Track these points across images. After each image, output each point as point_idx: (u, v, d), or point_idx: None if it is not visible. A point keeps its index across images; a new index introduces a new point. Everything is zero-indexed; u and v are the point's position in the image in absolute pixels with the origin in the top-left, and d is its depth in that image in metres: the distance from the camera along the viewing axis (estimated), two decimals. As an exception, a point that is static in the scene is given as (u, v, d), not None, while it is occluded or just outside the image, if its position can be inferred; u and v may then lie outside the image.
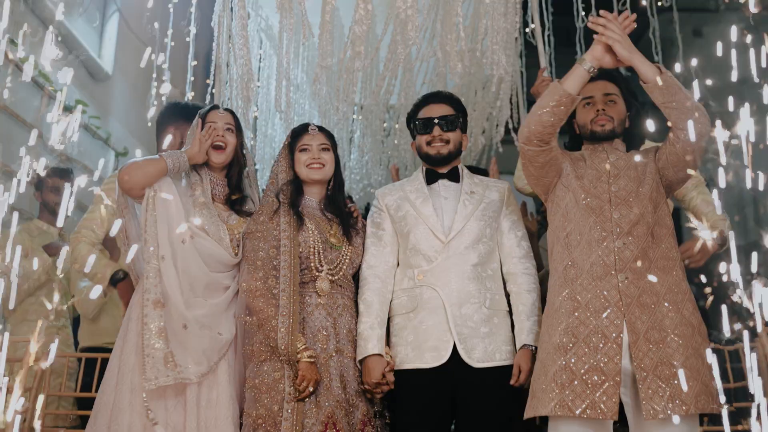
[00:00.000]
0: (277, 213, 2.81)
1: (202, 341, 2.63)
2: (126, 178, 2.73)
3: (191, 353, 2.60)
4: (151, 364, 2.53)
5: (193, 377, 2.57)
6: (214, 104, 3.10)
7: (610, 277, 2.51)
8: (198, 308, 2.67)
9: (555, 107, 2.54)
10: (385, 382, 2.69)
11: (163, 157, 2.78)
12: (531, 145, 2.62)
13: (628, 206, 2.58)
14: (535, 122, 2.58)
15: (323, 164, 2.90)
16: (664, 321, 2.44)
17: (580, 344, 2.46)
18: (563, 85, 2.53)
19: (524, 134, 2.63)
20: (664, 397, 2.34)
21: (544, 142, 2.60)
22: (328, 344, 2.70)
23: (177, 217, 2.73)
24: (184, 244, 2.70)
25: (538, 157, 2.65)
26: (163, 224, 2.70)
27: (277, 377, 2.61)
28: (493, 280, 2.82)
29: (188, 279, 2.69)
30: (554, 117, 2.55)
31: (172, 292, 2.62)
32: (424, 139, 2.94)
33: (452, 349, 2.67)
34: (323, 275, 2.78)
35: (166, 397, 2.58)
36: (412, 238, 2.86)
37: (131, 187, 2.74)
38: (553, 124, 2.56)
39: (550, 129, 2.57)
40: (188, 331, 2.61)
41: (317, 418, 2.57)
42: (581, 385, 2.40)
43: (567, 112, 2.57)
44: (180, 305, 2.62)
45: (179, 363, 2.56)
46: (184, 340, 2.60)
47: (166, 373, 2.53)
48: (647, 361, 2.40)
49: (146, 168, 2.75)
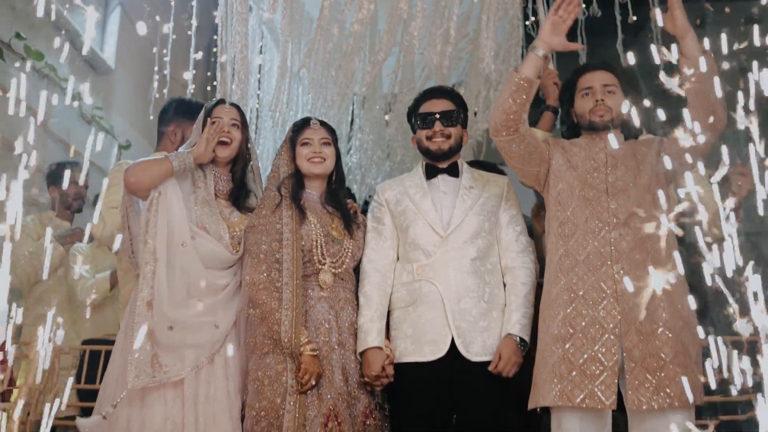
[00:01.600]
0: (279, 206, 2.83)
1: (195, 337, 2.65)
2: (132, 180, 2.73)
3: (177, 353, 2.62)
4: (135, 364, 2.54)
5: (176, 377, 2.59)
6: (221, 99, 3.10)
7: (606, 268, 2.52)
8: (191, 308, 2.68)
9: (514, 93, 2.58)
10: (385, 374, 2.71)
11: (169, 158, 2.78)
12: (500, 135, 2.66)
13: (626, 196, 2.59)
14: (498, 111, 2.63)
15: (324, 158, 2.92)
16: (656, 313, 2.46)
17: (578, 335, 2.48)
18: (519, 70, 2.60)
19: (492, 126, 2.68)
20: (650, 389, 2.36)
21: (511, 129, 2.63)
22: (330, 337, 2.72)
23: (179, 220, 2.74)
24: (185, 248, 2.72)
25: (511, 146, 2.68)
26: (163, 227, 2.71)
27: (280, 370, 2.63)
28: (492, 275, 2.83)
29: (186, 280, 2.70)
30: (515, 104, 2.59)
31: (159, 295, 2.63)
32: (424, 133, 2.95)
33: (450, 343, 2.69)
34: (326, 268, 2.80)
35: (165, 390, 2.60)
36: (411, 232, 2.87)
37: (137, 189, 2.75)
38: (515, 111, 2.60)
39: (514, 116, 2.60)
40: (174, 332, 2.62)
41: (319, 410, 2.59)
42: (579, 376, 2.42)
43: (528, 98, 2.61)
44: (165, 307, 2.62)
45: (164, 364, 2.58)
46: (170, 341, 2.61)
47: (152, 374, 2.55)
48: (636, 352, 2.42)
49: (152, 170, 2.75)
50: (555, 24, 2.61)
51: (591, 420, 2.46)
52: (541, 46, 2.62)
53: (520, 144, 2.67)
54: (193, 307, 2.68)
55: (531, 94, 2.62)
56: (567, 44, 2.66)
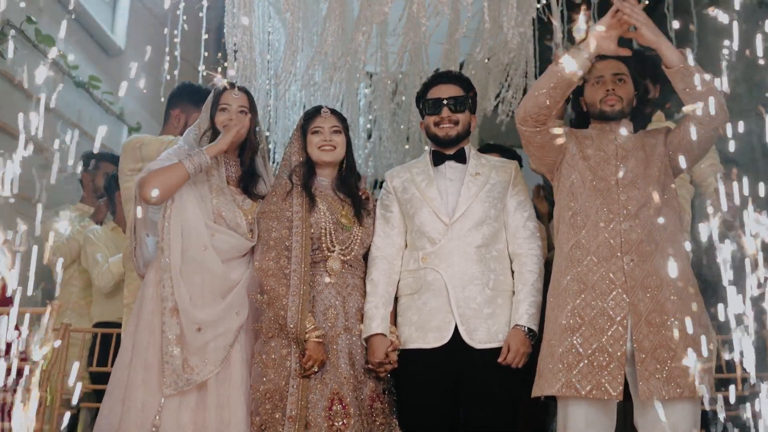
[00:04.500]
0: (290, 194, 2.86)
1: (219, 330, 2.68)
2: (146, 195, 2.69)
3: (208, 353, 2.65)
4: (170, 371, 2.59)
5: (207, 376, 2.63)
6: (230, 82, 3.04)
7: (616, 259, 2.52)
8: (218, 306, 2.71)
9: (552, 89, 2.55)
10: (388, 361, 2.74)
11: (182, 164, 2.74)
12: (527, 125, 2.64)
13: (636, 188, 2.59)
14: (531, 103, 2.60)
15: (335, 146, 2.93)
16: (666, 305, 2.46)
17: (587, 326, 2.48)
18: (563, 68, 2.52)
19: (520, 115, 2.65)
20: (661, 379, 2.38)
21: (539, 123, 2.62)
22: (336, 322, 2.76)
23: (195, 225, 2.75)
24: (206, 250, 2.74)
25: (535, 137, 2.67)
26: (177, 235, 2.73)
27: (284, 354, 2.68)
28: (498, 261, 2.82)
29: (212, 280, 2.73)
30: (550, 99, 2.56)
31: (182, 301, 2.66)
32: (432, 119, 2.94)
33: (454, 330, 2.71)
34: (335, 255, 2.83)
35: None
36: (417, 220, 2.88)
37: (151, 202, 2.73)
38: (549, 106, 2.57)
39: (546, 111, 2.59)
40: (202, 333, 2.65)
41: (322, 393, 2.63)
42: (587, 366, 2.44)
43: (564, 95, 2.59)
44: (192, 311, 2.65)
45: (195, 366, 2.62)
46: (200, 342, 2.65)
47: (185, 378, 2.60)
48: (647, 343, 2.43)
49: (169, 181, 2.72)
50: (611, 27, 2.49)
51: (597, 409, 2.47)
52: (592, 48, 2.48)
53: (545, 136, 2.67)
54: (219, 304, 2.71)
55: (567, 93, 2.60)
56: (617, 49, 2.53)
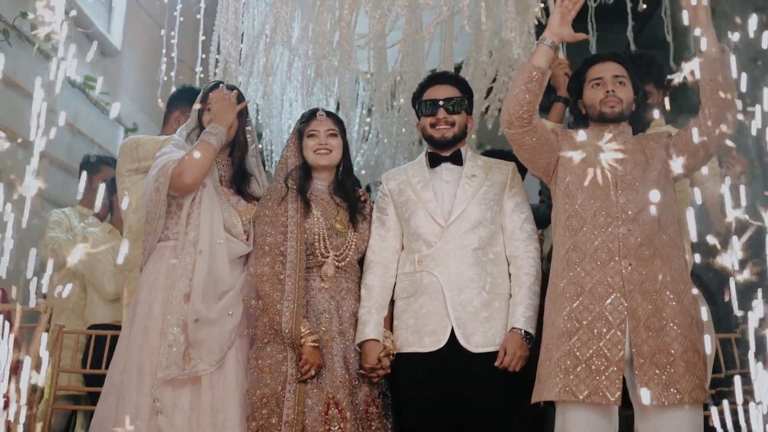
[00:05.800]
0: (285, 199, 2.85)
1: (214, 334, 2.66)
2: (189, 182, 2.70)
3: (203, 350, 2.64)
4: (167, 353, 2.58)
5: (203, 371, 2.61)
6: (217, 81, 3.08)
7: (614, 263, 2.50)
8: (215, 302, 2.69)
9: (527, 84, 2.60)
10: (381, 366, 2.72)
11: (207, 142, 2.76)
12: (513, 128, 2.65)
13: (634, 191, 2.57)
14: (512, 103, 2.62)
15: (330, 150, 2.93)
16: (665, 309, 2.45)
17: (584, 329, 2.46)
18: (532, 61, 2.63)
19: (505, 118, 2.67)
20: (660, 385, 2.36)
21: (525, 121, 2.62)
22: (330, 326, 2.74)
23: (218, 217, 2.77)
24: (221, 244, 2.74)
25: (524, 139, 2.67)
26: (207, 220, 2.73)
27: (280, 359, 2.66)
28: (495, 264, 2.80)
29: (218, 275, 2.72)
30: (529, 94, 2.60)
31: (197, 288, 2.65)
32: (428, 121, 2.93)
33: (450, 334, 2.68)
34: (329, 261, 2.81)
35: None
36: (413, 222, 2.86)
37: (192, 188, 2.73)
38: (529, 101, 2.60)
39: (528, 107, 2.61)
40: (198, 327, 2.63)
41: (318, 398, 2.62)
42: (585, 371, 2.42)
43: (541, 88, 2.63)
44: (198, 301, 2.64)
45: (193, 358, 2.61)
46: (197, 333, 2.63)
47: (183, 366, 2.59)
48: (645, 348, 2.41)
49: (201, 161, 2.72)
50: (563, 14, 2.66)
51: (597, 415, 2.45)
52: (550, 37, 2.66)
53: (533, 136, 2.66)
54: (216, 304, 2.70)
55: (543, 84, 2.64)
56: (575, 35, 2.72)
